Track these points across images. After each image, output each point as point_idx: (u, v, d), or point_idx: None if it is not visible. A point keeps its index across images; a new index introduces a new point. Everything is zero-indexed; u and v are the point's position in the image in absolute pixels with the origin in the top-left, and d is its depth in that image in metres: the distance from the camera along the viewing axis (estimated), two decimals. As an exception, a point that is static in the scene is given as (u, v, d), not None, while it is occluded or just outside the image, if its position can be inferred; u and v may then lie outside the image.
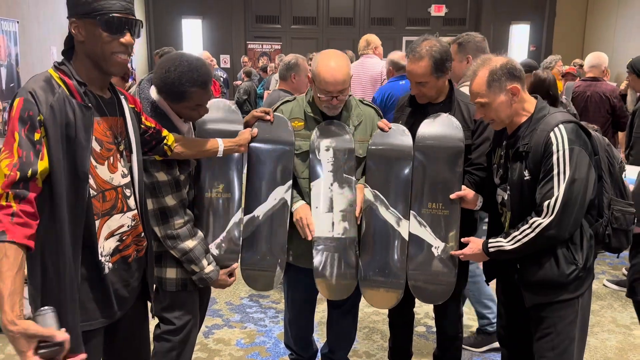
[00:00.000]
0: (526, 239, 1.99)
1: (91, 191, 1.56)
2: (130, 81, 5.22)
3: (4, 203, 1.38)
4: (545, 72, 3.30)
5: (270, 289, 2.46)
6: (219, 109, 2.37)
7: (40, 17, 7.67)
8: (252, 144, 2.38)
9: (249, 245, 2.39)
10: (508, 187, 2.10)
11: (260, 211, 2.38)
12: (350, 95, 2.49)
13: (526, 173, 2.01)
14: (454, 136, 2.33)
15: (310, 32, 12.29)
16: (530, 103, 2.09)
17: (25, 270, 1.43)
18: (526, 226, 1.99)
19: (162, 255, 2.19)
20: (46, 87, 1.49)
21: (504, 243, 2.06)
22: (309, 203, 2.38)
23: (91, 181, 1.57)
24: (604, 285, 4.26)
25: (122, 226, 1.68)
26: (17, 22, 6.85)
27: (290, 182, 2.38)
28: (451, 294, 2.39)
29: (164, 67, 2.05)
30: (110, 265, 1.66)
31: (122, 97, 1.73)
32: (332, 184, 2.38)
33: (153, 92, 2.12)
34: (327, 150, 2.38)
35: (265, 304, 3.77)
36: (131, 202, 1.72)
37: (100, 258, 1.60)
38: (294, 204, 2.39)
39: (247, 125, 2.42)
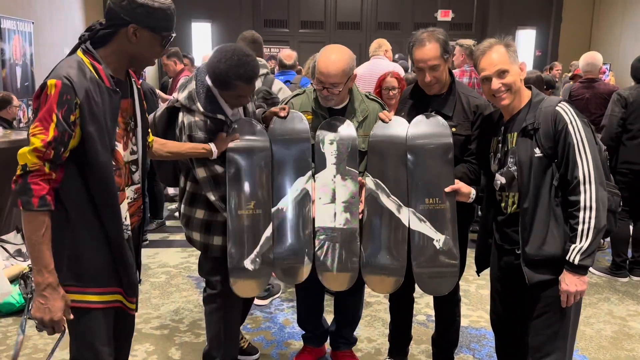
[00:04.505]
0: (593, 221, 1.98)
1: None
2: (140, 80, 5.38)
3: (47, 170, 1.59)
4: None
5: (301, 280, 2.47)
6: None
7: (54, 19, 7.85)
8: (270, 139, 2.48)
9: (277, 238, 2.46)
10: (514, 168, 2.16)
11: (283, 203, 2.47)
12: (355, 89, 2.62)
13: (537, 150, 2.09)
14: (442, 133, 2.43)
15: (318, 36, 12.41)
16: (526, 91, 2.23)
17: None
18: (582, 212, 1.99)
19: (211, 224, 2.43)
20: (79, 73, 1.63)
21: (580, 245, 2.00)
22: None
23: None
24: (589, 271, 4.37)
25: (127, 197, 1.86)
26: (32, 22, 7.02)
27: (310, 172, 2.48)
28: None
29: (217, 56, 2.27)
30: (130, 233, 1.84)
31: (132, 79, 1.91)
32: (335, 176, 2.48)
33: (208, 78, 2.35)
34: (331, 143, 2.50)
35: (271, 294, 3.90)
36: (135, 177, 1.91)
37: (123, 226, 1.79)
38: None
39: (265, 120, 2.56)
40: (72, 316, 1.69)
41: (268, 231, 2.43)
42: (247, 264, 2.40)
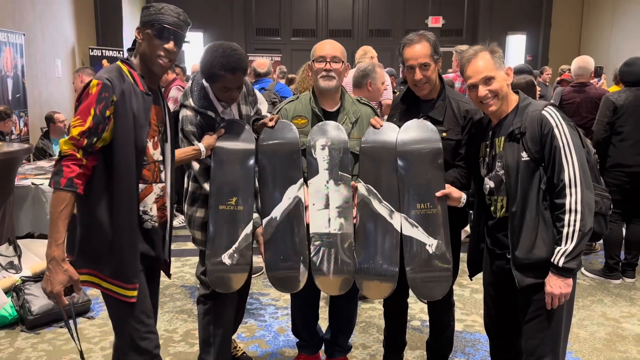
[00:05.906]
0: (578, 224, 1.99)
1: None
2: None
3: (79, 156, 1.82)
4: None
5: (298, 289, 2.48)
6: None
7: (45, 31, 7.85)
8: (260, 150, 2.50)
9: (271, 248, 2.47)
10: (502, 172, 2.18)
11: (277, 212, 2.48)
12: (346, 93, 2.66)
13: (524, 154, 2.10)
14: (431, 138, 2.44)
15: (310, 44, 12.36)
16: (514, 95, 2.24)
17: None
18: (567, 215, 2.00)
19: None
20: (118, 76, 1.91)
21: (565, 248, 2.01)
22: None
23: None
24: (582, 273, 4.46)
25: (154, 193, 2.08)
26: (24, 34, 7.02)
27: (302, 180, 2.49)
28: None
29: (205, 51, 2.41)
30: (156, 224, 2.07)
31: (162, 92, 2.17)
32: (327, 181, 2.49)
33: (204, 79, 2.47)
34: (323, 149, 2.51)
35: (265, 302, 3.90)
36: (162, 175, 2.13)
37: (142, 215, 2.02)
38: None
39: (256, 131, 2.58)
40: (80, 293, 1.88)
41: (248, 228, 2.44)
42: (225, 258, 2.42)
